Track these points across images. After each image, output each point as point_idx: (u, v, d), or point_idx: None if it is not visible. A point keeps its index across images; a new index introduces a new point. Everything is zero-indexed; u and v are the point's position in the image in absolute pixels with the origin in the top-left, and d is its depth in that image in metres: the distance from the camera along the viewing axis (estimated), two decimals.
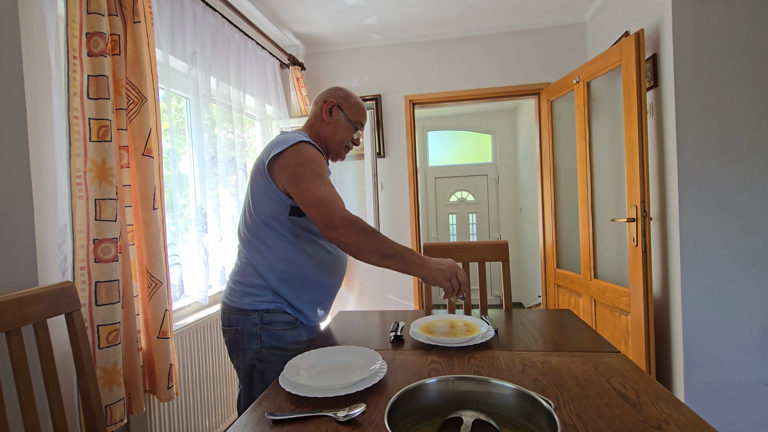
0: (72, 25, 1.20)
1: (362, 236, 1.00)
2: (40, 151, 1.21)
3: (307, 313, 1.20)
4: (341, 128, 1.28)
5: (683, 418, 0.71)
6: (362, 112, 1.32)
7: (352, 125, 1.29)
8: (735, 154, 1.80)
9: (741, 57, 1.78)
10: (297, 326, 1.19)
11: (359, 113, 1.31)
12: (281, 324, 1.16)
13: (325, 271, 1.21)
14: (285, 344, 1.16)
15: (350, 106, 1.29)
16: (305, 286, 1.18)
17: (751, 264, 1.79)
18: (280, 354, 1.15)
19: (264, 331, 1.15)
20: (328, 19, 2.75)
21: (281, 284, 1.16)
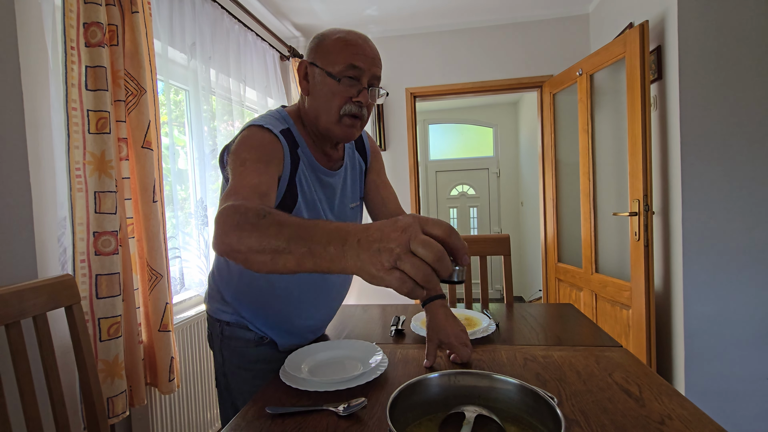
0: (69, 15, 1.18)
1: (235, 229, 0.57)
2: (39, 144, 1.19)
3: (273, 336, 0.98)
4: (323, 93, 0.87)
5: (686, 413, 0.70)
6: (348, 50, 0.85)
7: (336, 80, 0.84)
8: (739, 149, 1.78)
9: (746, 49, 1.76)
10: (264, 344, 0.98)
11: (342, 53, 0.84)
12: (242, 341, 0.97)
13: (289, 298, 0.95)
14: (246, 363, 0.97)
15: (326, 52, 0.86)
16: (263, 311, 0.96)
17: (753, 258, 1.78)
18: (240, 374, 0.97)
19: (224, 345, 0.98)
20: (328, 10, 2.72)
21: (238, 302, 0.96)
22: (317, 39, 0.89)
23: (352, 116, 0.87)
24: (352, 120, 0.88)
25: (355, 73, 0.85)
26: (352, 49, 0.85)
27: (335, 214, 0.98)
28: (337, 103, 0.86)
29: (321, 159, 0.95)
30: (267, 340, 0.99)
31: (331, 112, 0.87)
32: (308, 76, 0.90)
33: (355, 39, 0.87)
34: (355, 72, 0.85)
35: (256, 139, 0.82)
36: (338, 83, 0.85)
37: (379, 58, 0.89)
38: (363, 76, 0.86)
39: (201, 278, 1.85)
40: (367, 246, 0.45)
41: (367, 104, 0.89)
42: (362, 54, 0.86)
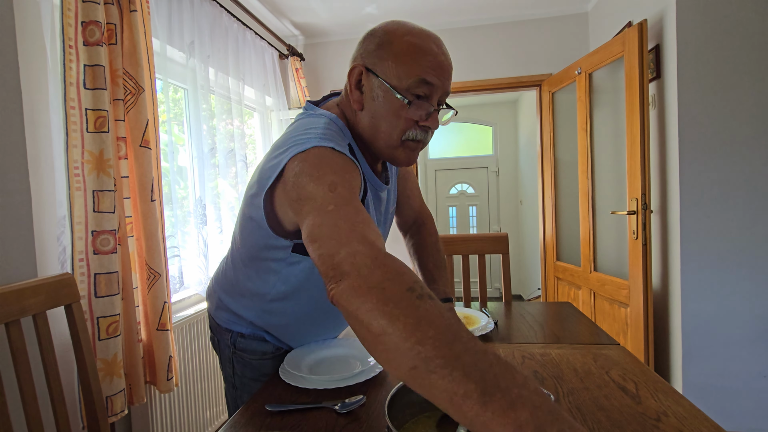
0: (67, 13, 1.18)
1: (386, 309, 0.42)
2: (37, 143, 1.20)
3: (293, 346, 0.96)
4: (385, 110, 0.70)
5: (682, 410, 0.71)
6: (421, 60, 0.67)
7: (401, 96, 0.68)
8: (737, 147, 1.79)
9: (745, 48, 1.76)
10: (278, 356, 0.93)
11: (413, 65, 0.67)
12: (258, 353, 0.90)
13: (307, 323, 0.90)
14: (260, 376, 0.92)
15: (392, 60, 0.68)
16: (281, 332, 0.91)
17: (751, 257, 1.79)
18: (253, 386, 0.92)
19: (237, 358, 0.91)
20: (327, 8, 2.71)
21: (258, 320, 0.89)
22: (379, 37, 0.69)
23: (416, 141, 0.72)
24: (415, 144, 0.72)
25: (426, 90, 0.68)
26: (427, 60, 0.67)
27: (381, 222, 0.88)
28: (401, 128, 0.70)
29: (376, 174, 0.82)
30: (282, 352, 0.94)
31: (393, 137, 0.71)
32: (363, 86, 0.72)
33: (430, 46, 0.68)
34: (427, 89, 0.68)
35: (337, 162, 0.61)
36: (406, 105, 0.68)
37: (452, 68, 0.72)
38: (434, 94, 0.70)
39: (200, 277, 1.85)
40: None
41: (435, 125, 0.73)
42: (438, 67, 0.68)
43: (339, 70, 3.19)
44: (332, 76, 3.20)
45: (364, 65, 0.71)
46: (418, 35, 0.69)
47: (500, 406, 0.33)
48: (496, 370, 0.35)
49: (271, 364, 0.93)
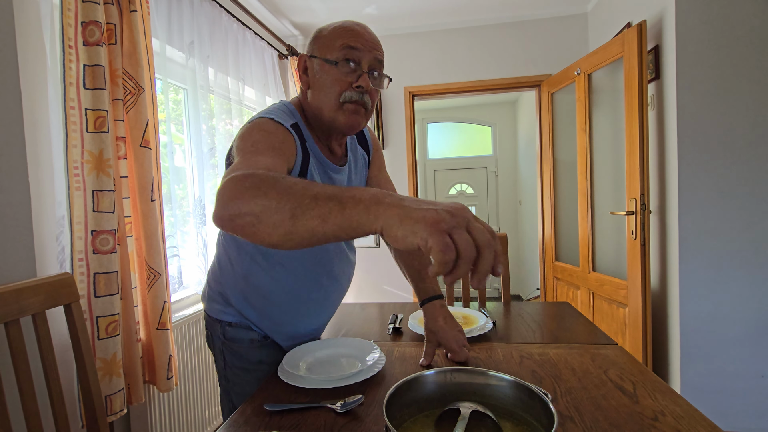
0: (67, 13, 1.18)
1: (248, 190, 0.51)
2: (37, 142, 1.20)
3: (276, 338, 0.98)
4: (322, 82, 0.82)
5: (679, 409, 0.71)
6: (345, 34, 0.82)
7: (333, 65, 0.81)
8: (736, 148, 1.79)
9: (744, 50, 1.77)
10: (266, 345, 0.97)
11: (339, 38, 0.81)
12: (245, 342, 0.95)
13: (293, 301, 0.94)
14: (248, 365, 0.95)
15: (323, 42, 0.83)
16: (267, 313, 0.95)
17: (749, 258, 1.79)
18: (243, 376, 0.95)
19: (226, 348, 0.96)
20: (327, 8, 2.72)
21: (244, 304, 0.94)
22: (315, 32, 0.86)
23: (354, 102, 0.82)
24: (354, 106, 0.82)
25: (353, 55, 0.81)
26: (349, 33, 0.81)
27: None
28: (337, 90, 0.81)
29: (328, 155, 0.90)
30: (269, 341, 0.97)
31: (332, 100, 0.82)
32: (308, 69, 0.86)
33: (352, 24, 0.83)
34: (354, 54, 0.80)
35: (269, 127, 0.75)
36: (336, 67, 0.80)
37: (379, 43, 0.85)
38: (362, 59, 0.81)
39: (199, 277, 1.86)
40: (418, 204, 0.43)
41: (369, 90, 0.83)
42: (360, 36, 0.81)
43: None
44: None
45: (306, 54, 0.87)
46: (342, 22, 0.84)
47: (354, 206, 0.45)
48: (344, 192, 0.47)
49: (257, 352, 0.96)
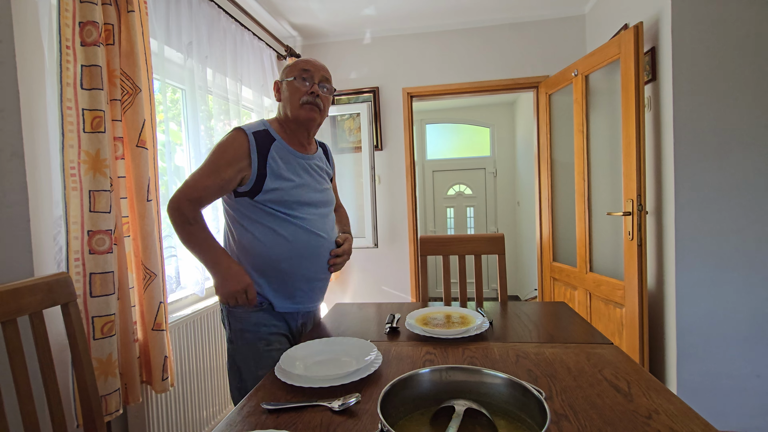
0: (65, 14, 1.18)
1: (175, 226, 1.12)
2: (34, 142, 1.20)
3: (271, 299, 1.19)
4: (288, 94, 1.22)
5: (673, 407, 0.72)
6: (299, 63, 1.22)
7: (294, 81, 1.20)
8: (731, 149, 1.80)
9: (740, 51, 1.78)
10: (262, 310, 1.18)
11: (295, 67, 1.22)
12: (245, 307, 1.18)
13: (281, 258, 1.17)
14: (249, 326, 1.17)
15: (287, 70, 1.24)
16: (261, 272, 1.18)
17: (745, 258, 1.80)
18: (245, 337, 1.17)
19: (231, 316, 1.19)
20: (325, 9, 2.72)
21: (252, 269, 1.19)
22: (283, 67, 1.29)
23: (309, 103, 1.20)
24: (310, 106, 1.21)
25: (306, 74, 1.21)
26: (303, 62, 1.23)
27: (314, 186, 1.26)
28: (297, 96, 1.20)
29: (297, 147, 1.26)
30: (266, 305, 1.20)
31: (295, 103, 1.20)
32: (279, 89, 1.27)
33: (306, 58, 1.27)
34: (306, 74, 1.21)
35: (228, 142, 1.16)
36: (295, 81, 1.20)
37: (326, 68, 1.26)
38: (314, 77, 1.22)
39: (197, 277, 1.85)
40: (225, 281, 1.13)
41: (321, 96, 1.22)
42: (310, 63, 1.23)
43: (337, 71, 3.20)
44: None
45: (278, 80, 1.28)
46: (303, 59, 1.28)
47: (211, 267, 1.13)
48: (210, 254, 1.13)
49: (255, 316, 1.18)
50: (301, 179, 1.22)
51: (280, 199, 1.16)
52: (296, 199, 1.19)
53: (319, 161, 1.31)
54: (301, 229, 1.19)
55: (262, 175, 1.15)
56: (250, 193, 1.15)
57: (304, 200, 1.20)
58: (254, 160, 1.15)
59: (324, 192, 1.28)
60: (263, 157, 1.16)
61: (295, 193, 1.19)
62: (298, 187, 1.20)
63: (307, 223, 1.20)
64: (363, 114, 2.97)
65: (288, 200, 1.17)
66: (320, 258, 1.24)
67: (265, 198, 1.15)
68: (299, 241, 1.18)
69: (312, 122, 1.22)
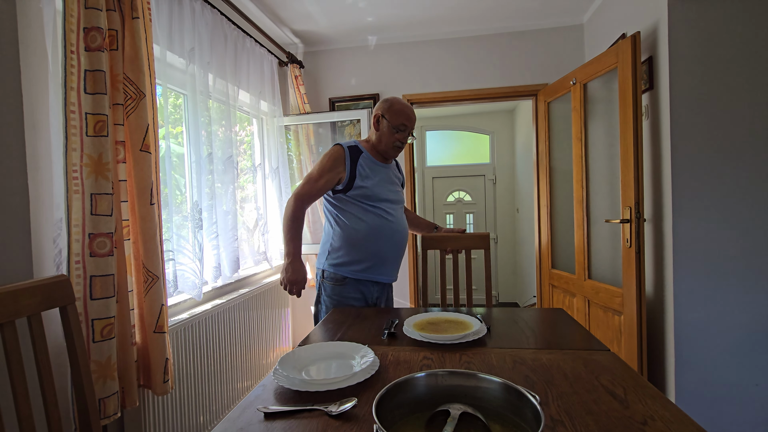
0: (70, 19, 1.20)
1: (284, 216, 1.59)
2: (37, 145, 1.21)
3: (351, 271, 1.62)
4: (385, 133, 1.63)
5: (669, 414, 0.72)
6: (403, 116, 1.62)
7: (394, 129, 1.62)
8: (729, 157, 1.81)
9: (736, 60, 1.80)
10: (344, 285, 1.62)
11: (399, 117, 1.61)
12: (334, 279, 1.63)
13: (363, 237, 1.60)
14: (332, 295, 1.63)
15: (392, 113, 1.62)
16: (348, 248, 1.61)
17: (743, 266, 1.80)
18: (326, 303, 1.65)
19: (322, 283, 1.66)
20: (326, 17, 2.75)
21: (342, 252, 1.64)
22: (388, 104, 1.64)
23: (399, 147, 1.67)
24: (398, 149, 1.68)
25: (404, 128, 1.63)
26: (406, 117, 1.63)
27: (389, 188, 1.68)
28: (393, 140, 1.64)
29: (378, 159, 1.69)
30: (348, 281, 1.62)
31: (389, 144, 1.64)
32: (379, 121, 1.64)
33: (408, 111, 1.65)
34: (405, 128, 1.64)
35: (332, 151, 1.61)
36: (395, 132, 1.63)
37: (416, 117, 1.68)
38: (408, 128, 1.65)
39: (194, 281, 1.86)
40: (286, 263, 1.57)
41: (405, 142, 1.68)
42: (408, 120, 1.64)
43: (338, 78, 3.22)
44: (331, 83, 3.23)
45: (380, 113, 1.65)
46: (403, 106, 1.65)
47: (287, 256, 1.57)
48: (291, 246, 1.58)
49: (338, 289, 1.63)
50: (381, 181, 1.64)
51: (365, 195, 1.58)
52: (376, 195, 1.60)
53: (394, 171, 1.77)
54: (378, 217, 1.61)
55: (353, 177, 1.58)
56: (344, 190, 1.58)
57: (382, 197, 1.62)
58: (347, 166, 1.58)
59: (396, 193, 1.72)
60: (354, 164, 1.59)
61: (376, 190, 1.61)
62: (377, 186, 1.61)
63: (383, 213, 1.62)
64: (363, 120, 2.99)
65: (371, 195, 1.59)
66: (391, 239, 1.63)
67: (355, 193, 1.58)
68: (377, 225, 1.60)
69: (395, 157, 1.74)
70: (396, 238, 1.66)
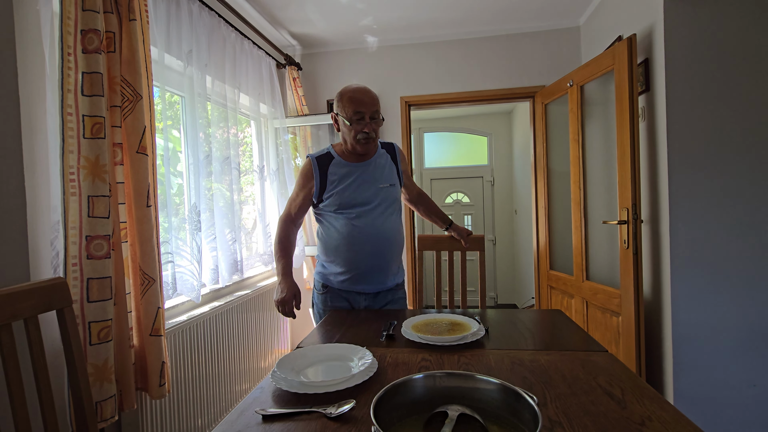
0: (67, 21, 1.20)
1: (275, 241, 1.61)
2: (34, 147, 1.21)
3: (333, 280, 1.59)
4: (344, 130, 1.50)
5: (666, 415, 0.72)
6: (353, 102, 1.45)
7: (349, 121, 1.47)
8: (725, 158, 1.82)
9: (732, 62, 1.81)
10: (327, 293, 1.61)
11: (350, 106, 1.45)
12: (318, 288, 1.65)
13: (336, 245, 1.55)
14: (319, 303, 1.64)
15: (342, 106, 1.48)
16: (326, 257, 1.59)
17: (739, 267, 1.81)
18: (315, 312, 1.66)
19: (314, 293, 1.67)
20: (324, 19, 2.76)
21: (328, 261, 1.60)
22: (338, 95, 1.50)
23: (364, 138, 1.48)
24: (365, 140, 1.48)
25: (359, 115, 1.46)
26: (356, 103, 1.45)
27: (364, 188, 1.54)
28: (353, 135, 1.48)
29: (351, 158, 1.56)
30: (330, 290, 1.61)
31: (352, 139, 1.49)
32: (337, 120, 1.53)
33: (359, 95, 1.46)
34: (359, 115, 1.46)
35: (301, 168, 1.59)
36: (352, 124, 1.46)
37: (376, 100, 1.48)
38: (365, 116, 1.46)
39: (193, 283, 1.85)
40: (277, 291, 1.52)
41: (372, 129, 1.48)
42: (363, 103, 1.45)
43: (336, 80, 3.23)
44: (329, 85, 3.24)
45: (334, 111, 1.54)
46: (352, 92, 1.48)
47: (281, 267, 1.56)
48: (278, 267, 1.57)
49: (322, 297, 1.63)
50: (354, 183, 1.52)
51: (336, 202, 1.51)
52: (347, 201, 1.51)
53: (379, 167, 1.58)
54: (348, 223, 1.51)
55: (323, 187, 1.53)
56: (318, 202, 1.55)
57: (353, 201, 1.51)
58: (316, 177, 1.54)
59: (374, 192, 1.54)
60: (324, 173, 1.54)
61: (347, 195, 1.51)
62: (348, 190, 1.51)
63: (354, 219, 1.51)
64: None
65: (341, 202, 1.51)
66: (364, 247, 1.52)
67: (327, 203, 1.53)
68: (346, 233, 1.52)
69: (370, 151, 1.56)
70: (370, 244, 1.52)
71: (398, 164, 1.66)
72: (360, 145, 1.48)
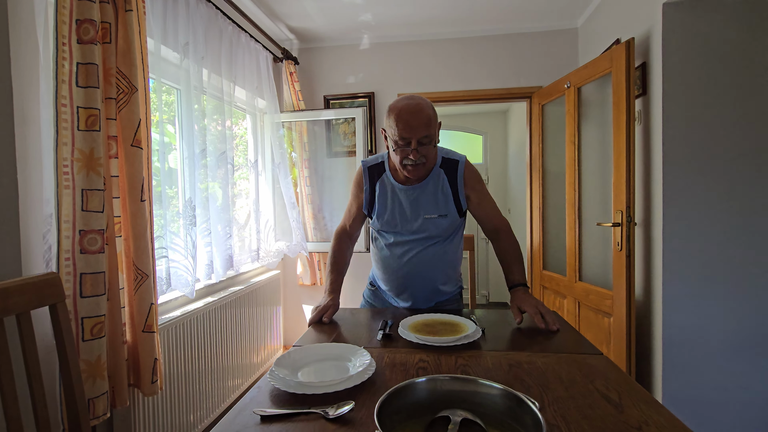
0: (62, 11, 1.17)
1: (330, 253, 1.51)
2: (26, 139, 1.18)
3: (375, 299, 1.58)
4: (391, 150, 1.31)
5: (662, 419, 0.73)
6: (399, 125, 1.22)
7: (393, 144, 1.27)
8: (719, 162, 1.84)
9: (728, 67, 1.83)
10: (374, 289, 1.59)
11: (395, 128, 1.23)
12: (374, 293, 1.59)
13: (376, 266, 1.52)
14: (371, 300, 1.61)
15: (388, 125, 1.27)
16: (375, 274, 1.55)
17: (731, 270, 1.84)
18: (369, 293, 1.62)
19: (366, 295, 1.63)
20: (323, 14, 2.73)
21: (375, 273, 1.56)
22: (388, 109, 1.28)
23: (410, 165, 1.28)
24: (411, 167, 1.28)
25: (405, 141, 1.24)
26: (401, 126, 1.22)
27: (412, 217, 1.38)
28: (398, 159, 1.29)
29: (399, 178, 1.39)
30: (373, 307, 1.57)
31: (397, 163, 1.30)
32: (386, 137, 1.32)
33: (407, 115, 1.22)
34: (404, 141, 1.24)
35: (355, 177, 1.48)
36: (394, 148, 1.27)
37: (425, 122, 1.23)
38: (412, 140, 1.24)
39: (187, 278, 1.83)
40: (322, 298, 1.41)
41: (420, 155, 1.26)
42: (409, 127, 1.22)
43: (333, 75, 3.20)
44: (326, 80, 3.21)
45: (384, 128, 1.32)
46: (400, 108, 1.24)
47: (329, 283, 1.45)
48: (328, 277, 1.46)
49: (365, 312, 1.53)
50: (396, 209, 1.38)
51: (378, 220, 1.41)
52: (386, 226, 1.40)
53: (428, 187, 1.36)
54: (386, 247, 1.42)
55: (372, 199, 1.42)
56: (367, 213, 1.45)
57: (395, 229, 1.39)
58: (366, 186, 1.42)
59: (424, 222, 1.36)
60: (373, 183, 1.42)
61: (386, 221, 1.39)
62: (388, 214, 1.38)
63: (393, 246, 1.40)
64: (358, 118, 2.98)
65: (381, 224, 1.40)
66: (393, 275, 1.43)
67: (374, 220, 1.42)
68: (383, 257, 1.44)
69: (418, 179, 1.35)
70: (403, 276, 1.41)
71: (459, 189, 1.37)
72: (406, 171, 1.29)
